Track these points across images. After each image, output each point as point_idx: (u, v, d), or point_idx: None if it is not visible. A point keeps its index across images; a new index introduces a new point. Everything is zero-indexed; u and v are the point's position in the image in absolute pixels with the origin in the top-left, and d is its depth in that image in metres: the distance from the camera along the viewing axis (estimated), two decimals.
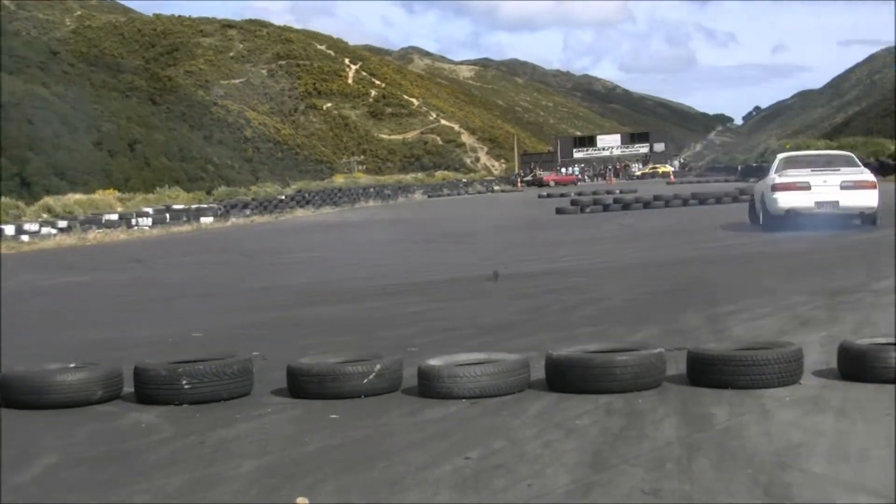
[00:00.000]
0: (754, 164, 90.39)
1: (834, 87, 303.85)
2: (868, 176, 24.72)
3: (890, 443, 6.22)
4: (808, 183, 24.05)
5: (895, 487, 5.39)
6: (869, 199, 23.97)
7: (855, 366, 7.99)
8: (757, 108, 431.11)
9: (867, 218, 24.17)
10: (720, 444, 6.32)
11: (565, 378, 8.00)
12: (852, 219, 24.39)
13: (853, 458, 5.93)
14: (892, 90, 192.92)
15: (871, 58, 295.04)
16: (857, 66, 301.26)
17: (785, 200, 24.14)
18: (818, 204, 23.89)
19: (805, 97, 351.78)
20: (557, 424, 7.03)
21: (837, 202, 23.85)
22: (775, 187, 24.38)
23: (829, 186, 23.94)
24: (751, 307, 12.39)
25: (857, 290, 13.54)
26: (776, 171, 25.12)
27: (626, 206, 44.53)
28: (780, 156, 27.38)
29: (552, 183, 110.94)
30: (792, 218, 24.19)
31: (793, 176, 24.39)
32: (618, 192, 58.17)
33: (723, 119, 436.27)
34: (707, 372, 7.97)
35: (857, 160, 26.45)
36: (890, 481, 5.50)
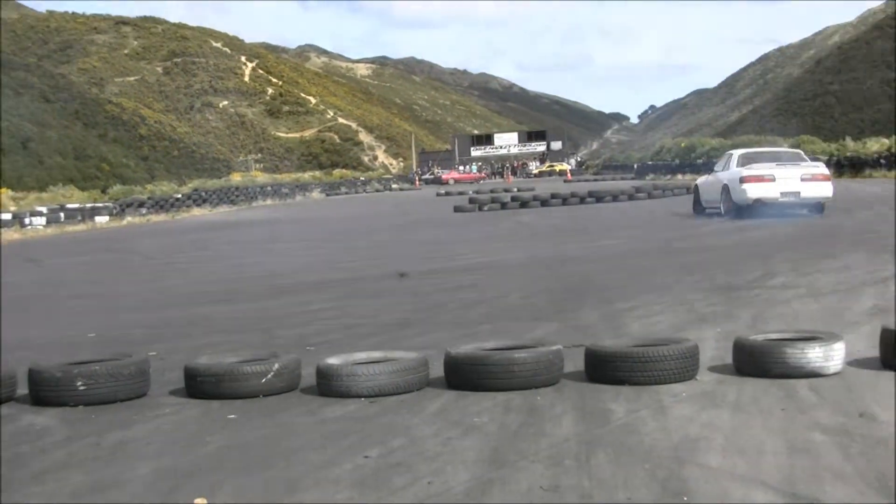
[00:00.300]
0: (650, 162, 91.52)
1: (728, 86, 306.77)
2: (823, 170, 27.90)
3: (784, 437, 6.31)
4: (773, 175, 26.90)
5: (788, 480, 5.48)
6: (825, 189, 26.95)
7: (749, 361, 8.10)
8: (652, 107, 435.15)
9: (815, 207, 27.22)
10: (618, 440, 6.38)
11: (464, 376, 8.02)
12: (802, 207, 27.35)
13: (748, 452, 6.00)
14: (783, 89, 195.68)
15: (764, 57, 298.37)
16: (750, 65, 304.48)
17: (753, 191, 26.87)
18: (783, 194, 26.81)
19: (700, 96, 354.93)
20: (456, 422, 7.04)
21: (799, 192, 26.80)
22: (744, 179, 27.11)
23: (792, 179, 26.84)
24: (647, 303, 12.51)
25: (752, 286, 13.72)
26: (738, 166, 27.95)
27: (523, 204, 44.76)
28: (737, 152, 30.09)
29: (452, 181, 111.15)
30: (757, 207, 26.93)
31: (759, 169, 27.21)
32: (515, 190, 58.42)
33: (619, 117, 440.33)
34: (604, 368, 8.03)
35: (805, 156, 30.25)
36: (784, 475, 5.57)
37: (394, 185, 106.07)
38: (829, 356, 7.95)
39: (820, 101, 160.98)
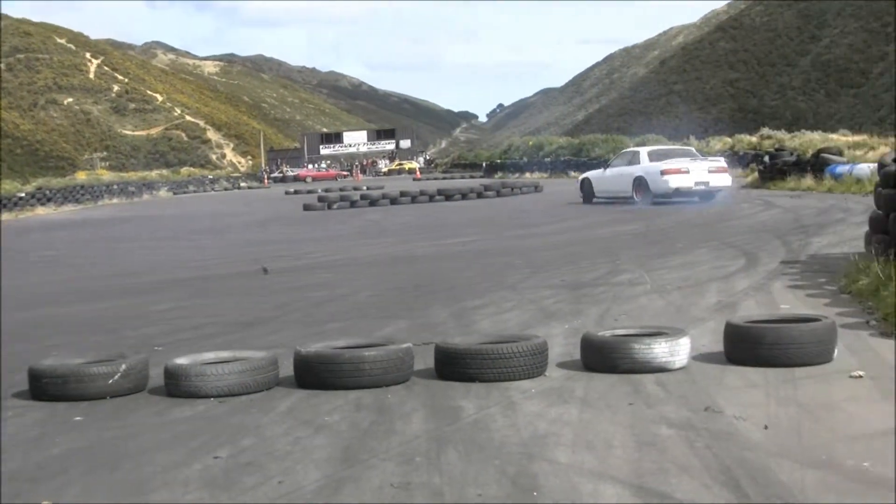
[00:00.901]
0: (499, 161, 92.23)
1: (574, 85, 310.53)
2: (724, 164, 34.07)
3: (632, 431, 6.40)
4: (688, 168, 32.08)
5: (636, 474, 5.56)
6: (726, 180, 32.84)
7: (597, 357, 8.20)
8: (500, 106, 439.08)
9: (707, 195, 32.12)
10: (468, 437, 6.41)
11: (314, 374, 7.99)
12: (707, 195, 32.11)
13: (597, 447, 6.08)
14: (629, 89, 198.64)
15: (609, 57, 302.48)
16: (596, 65, 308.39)
17: (674, 181, 31.69)
18: (696, 184, 31.89)
19: (547, 95, 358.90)
20: (307, 421, 7.02)
21: (708, 182, 32.10)
22: (664, 172, 31.86)
23: (702, 171, 32.27)
24: (497, 301, 12.60)
25: (600, 283, 13.91)
26: (649, 161, 32.93)
27: (373, 203, 44.86)
28: (644, 150, 35.84)
29: (309, 179, 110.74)
30: (674, 194, 31.87)
31: (676, 163, 32.36)
32: (365, 188, 58.53)
33: (468, 116, 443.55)
34: (454, 366, 8.06)
35: (697, 152, 36.75)
36: (631, 469, 5.65)
37: (242, 184, 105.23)
38: (675, 351, 8.08)
39: (664, 100, 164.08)
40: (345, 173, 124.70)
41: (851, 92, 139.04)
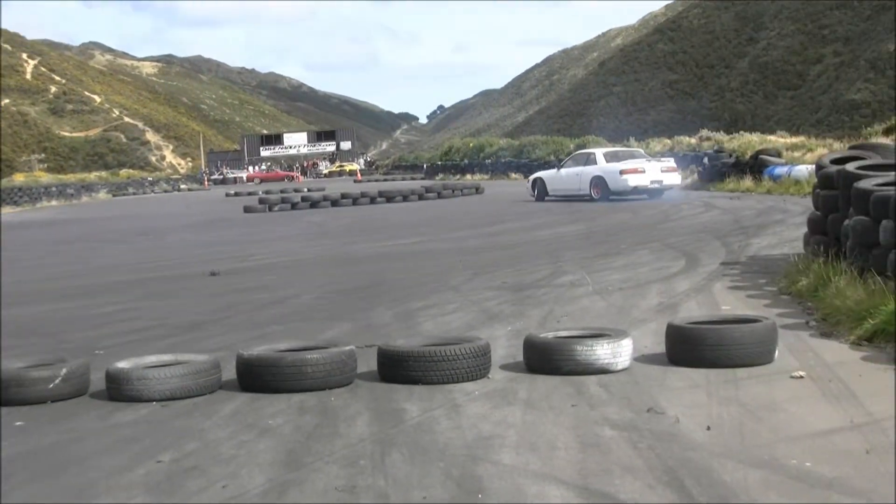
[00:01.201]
0: (439, 162, 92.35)
1: (514, 86, 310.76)
2: (674, 164, 37.12)
3: (575, 433, 6.42)
4: (644, 168, 35.05)
5: (580, 475, 5.58)
6: (677, 178, 36.15)
7: (540, 359, 8.22)
8: (441, 107, 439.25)
9: (658, 192, 35.08)
10: (412, 439, 6.41)
11: (257, 378, 7.97)
12: (647, 193, 34.86)
13: (541, 449, 6.09)
14: (568, 90, 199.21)
15: (549, 59, 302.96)
16: (536, 66, 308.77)
17: (633, 180, 34.48)
18: (651, 182, 34.71)
19: (487, 96, 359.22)
20: (250, 424, 7.00)
21: (662, 181, 35.05)
22: (624, 171, 34.66)
23: (656, 170, 35.27)
24: (440, 303, 12.61)
25: (542, 284, 13.95)
26: (607, 162, 35.71)
27: (314, 205, 44.76)
28: (599, 151, 38.63)
29: (257, 180, 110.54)
30: (632, 192, 34.70)
31: (634, 163, 35.27)
32: (306, 190, 58.44)
33: (408, 117, 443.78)
34: (398, 368, 8.06)
35: (645, 153, 39.84)
36: (576, 470, 5.68)
37: (182, 186, 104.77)
38: (618, 353, 8.12)
39: (604, 101, 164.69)
40: (293, 174, 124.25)
41: (789, 94, 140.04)
